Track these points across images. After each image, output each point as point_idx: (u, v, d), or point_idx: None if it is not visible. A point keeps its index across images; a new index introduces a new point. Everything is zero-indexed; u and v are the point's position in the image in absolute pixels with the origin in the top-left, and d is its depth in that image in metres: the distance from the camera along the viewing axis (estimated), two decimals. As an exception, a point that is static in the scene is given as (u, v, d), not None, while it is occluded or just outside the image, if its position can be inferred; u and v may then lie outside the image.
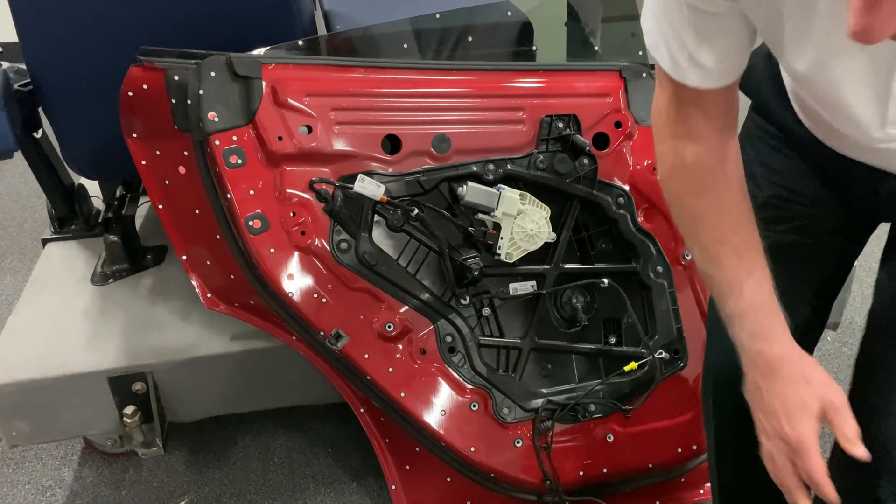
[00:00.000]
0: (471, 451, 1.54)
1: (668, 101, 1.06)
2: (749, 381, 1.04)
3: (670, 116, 1.06)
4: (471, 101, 1.60)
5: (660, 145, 1.11)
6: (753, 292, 1.00)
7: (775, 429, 0.97)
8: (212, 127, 1.44)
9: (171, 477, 1.88)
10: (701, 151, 1.03)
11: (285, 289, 1.47)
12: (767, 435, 1.00)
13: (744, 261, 1.02)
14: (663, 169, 1.10)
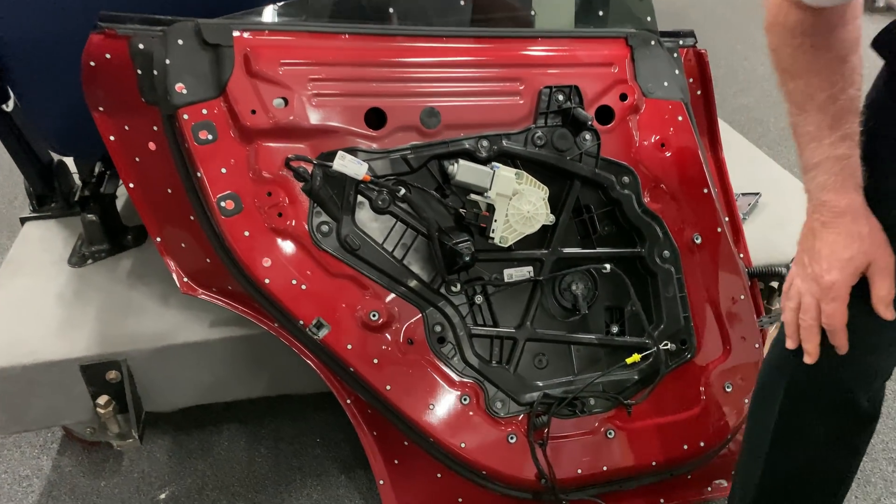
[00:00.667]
0: (461, 448, 1.45)
1: None
2: (805, 226, 1.05)
3: None
4: (463, 71, 1.48)
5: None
6: (834, 147, 0.98)
7: (815, 271, 1.01)
8: (179, 99, 1.33)
9: (152, 467, 1.80)
10: (806, 20, 0.96)
11: (261, 275, 1.37)
12: (803, 276, 1.04)
13: (828, 116, 0.98)
14: (767, 20, 1.01)
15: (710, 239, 1.58)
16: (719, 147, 1.73)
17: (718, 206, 1.60)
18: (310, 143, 1.40)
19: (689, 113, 1.60)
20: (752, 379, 1.57)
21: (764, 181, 2.11)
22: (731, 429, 1.58)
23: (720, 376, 1.57)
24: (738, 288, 1.60)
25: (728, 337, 1.58)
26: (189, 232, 1.51)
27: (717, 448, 1.58)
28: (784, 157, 3.06)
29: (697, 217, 1.58)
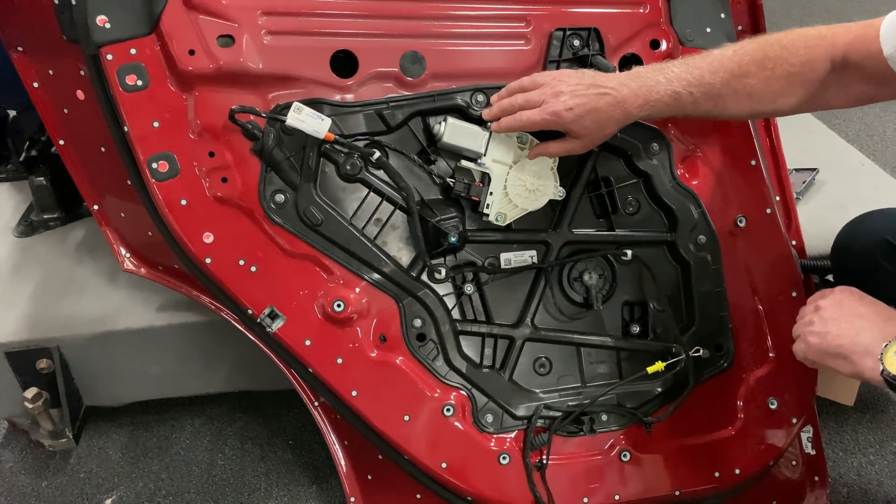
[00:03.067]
0: (441, 468, 1.20)
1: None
2: None
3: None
4: (455, 6, 1.20)
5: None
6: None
7: None
8: (102, 36, 1.08)
9: (101, 467, 1.59)
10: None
11: (201, 252, 1.13)
12: None
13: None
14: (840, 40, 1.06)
15: (757, 222, 1.29)
16: (772, 111, 1.42)
17: (768, 183, 1.31)
18: (262, 93, 1.14)
19: (737, 67, 1.30)
20: (801, 393, 1.30)
21: (822, 156, 1.82)
22: (775, 454, 1.30)
23: (763, 390, 1.29)
24: (789, 282, 1.31)
25: (774, 343, 1.30)
26: (128, 199, 1.28)
27: (756, 476, 1.30)
28: (844, 130, 2.72)
29: (742, 195, 1.29)
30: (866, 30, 1.03)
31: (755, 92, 1.09)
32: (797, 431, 1.33)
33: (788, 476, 1.38)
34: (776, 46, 1.09)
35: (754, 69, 1.08)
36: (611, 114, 1.09)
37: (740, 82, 1.08)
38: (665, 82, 1.09)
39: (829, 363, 1.03)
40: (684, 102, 1.09)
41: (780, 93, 1.09)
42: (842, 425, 1.65)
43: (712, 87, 1.09)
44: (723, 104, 1.10)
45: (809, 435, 1.40)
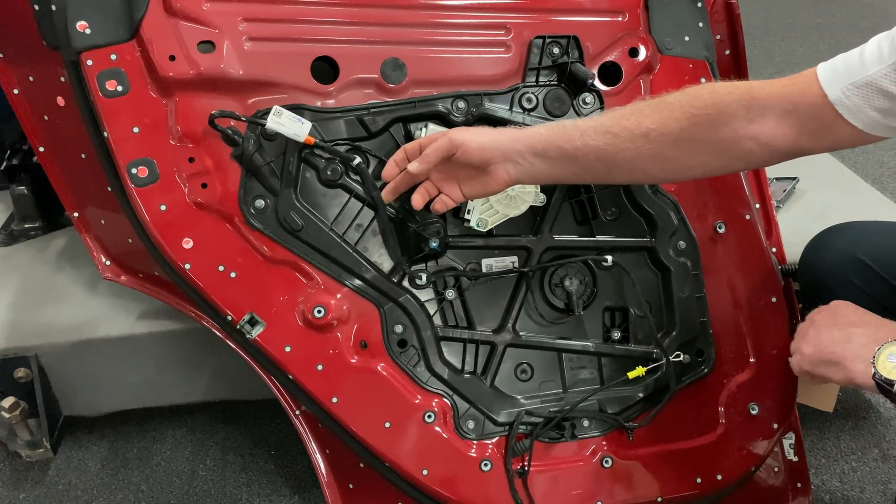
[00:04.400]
0: (423, 475, 1.19)
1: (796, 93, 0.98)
2: None
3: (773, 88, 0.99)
4: (436, 14, 1.21)
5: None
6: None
7: None
8: (82, 41, 1.08)
9: (80, 478, 1.57)
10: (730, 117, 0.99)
11: (181, 258, 1.12)
12: None
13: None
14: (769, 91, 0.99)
15: (737, 228, 1.30)
16: (751, 119, 1.44)
17: (747, 190, 1.32)
18: (243, 99, 1.14)
19: (715, 75, 1.31)
20: (782, 399, 1.30)
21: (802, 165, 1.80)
22: (756, 460, 1.30)
23: (744, 395, 1.29)
24: (769, 288, 1.31)
25: (755, 348, 1.30)
26: (108, 206, 1.28)
27: (738, 483, 1.30)
28: (823, 143, 2.74)
29: (721, 201, 1.30)
30: (796, 80, 0.98)
31: (651, 134, 1.00)
32: (778, 437, 1.33)
33: (771, 483, 1.38)
34: (677, 93, 1.02)
35: (649, 111, 1.00)
36: (499, 137, 1.06)
37: (632, 119, 1.01)
38: (557, 123, 1.05)
39: (822, 371, 1.03)
40: (575, 141, 1.02)
41: (682, 142, 1.00)
42: (824, 432, 1.65)
43: (603, 126, 1.02)
44: (617, 146, 1.02)
45: (791, 441, 1.39)
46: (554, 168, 1.06)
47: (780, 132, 0.99)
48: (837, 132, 0.96)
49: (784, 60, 3.54)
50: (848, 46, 0.98)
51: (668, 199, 1.27)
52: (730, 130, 0.99)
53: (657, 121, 1.00)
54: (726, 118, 0.98)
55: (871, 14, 4.00)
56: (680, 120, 0.99)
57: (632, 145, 1.01)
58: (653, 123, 1.00)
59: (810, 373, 1.06)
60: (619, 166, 1.04)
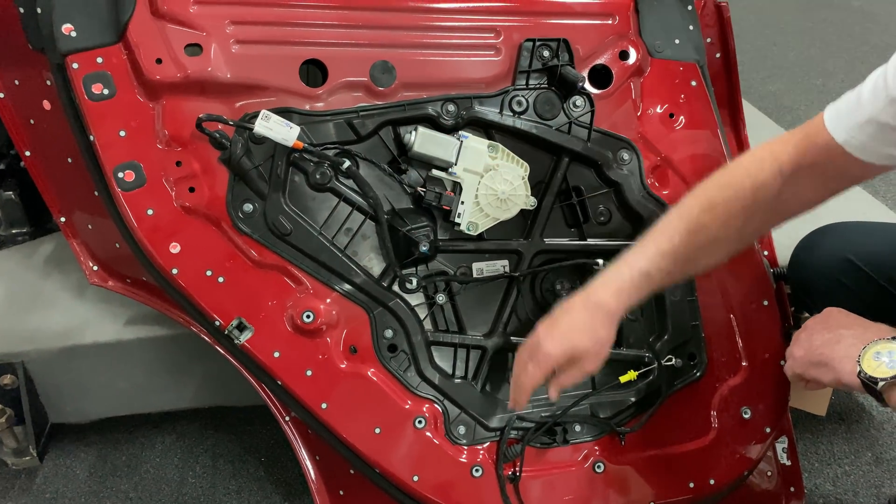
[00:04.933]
0: (413, 481, 1.18)
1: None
2: (576, 297, 1.06)
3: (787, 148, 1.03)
4: (425, 17, 1.21)
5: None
6: (651, 262, 1.03)
7: (544, 334, 1.05)
8: (68, 45, 1.08)
9: (68, 486, 1.55)
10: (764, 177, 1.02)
11: (168, 263, 1.11)
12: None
13: (676, 243, 1.03)
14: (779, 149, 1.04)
15: (728, 231, 1.30)
16: (742, 123, 1.44)
17: (739, 193, 1.31)
18: (231, 103, 1.14)
19: (706, 78, 1.31)
20: (775, 403, 1.29)
21: (794, 168, 1.82)
22: (749, 464, 1.29)
23: (736, 399, 1.28)
24: (761, 291, 1.31)
25: (747, 352, 1.30)
26: (95, 211, 1.26)
27: (731, 487, 1.29)
28: (815, 146, 2.75)
29: (713, 204, 1.29)
30: (807, 130, 1.01)
31: (719, 237, 1.04)
32: (771, 441, 1.33)
33: (764, 487, 1.37)
34: (718, 188, 1.04)
35: (707, 219, 1.03)
36: (591, 318, 1.02)
37: (700, 236, 1.03)
38: (626, 268, 1.03)
39: (813, 373, 1.04)
40: (657, 277, 1.03)
41: (743, 227, 1.04)
42: (817, 436, 1.65)
43: (676, 252, 1.03)
44: (695, 261, 1.06)
45: (785, 445, 1.39)
46: (643, 295, 1.05)
47: (812, 187, 1.03)
48: (854, 171, 0.98)
49: (775, 65, 3.55)
50: (838, 51, 0.98)
51: (659, 202, 1.27)
52: (776, 201, 1.03)
53: (720, 226, 1.03)
54: (770, 192, 1.02)
55: (863, 19, 4.02)
56: (738, 216, 1.03)
57: (708, 256, 1.06)
58: (717, 229, 1.03)
59: (802, 376, 1.07)
60: (699, 270, 1.10)
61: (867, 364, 0.94)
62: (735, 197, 1.03)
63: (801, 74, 3.41)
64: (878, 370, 0.92)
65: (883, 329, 0.98)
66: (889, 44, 3.54)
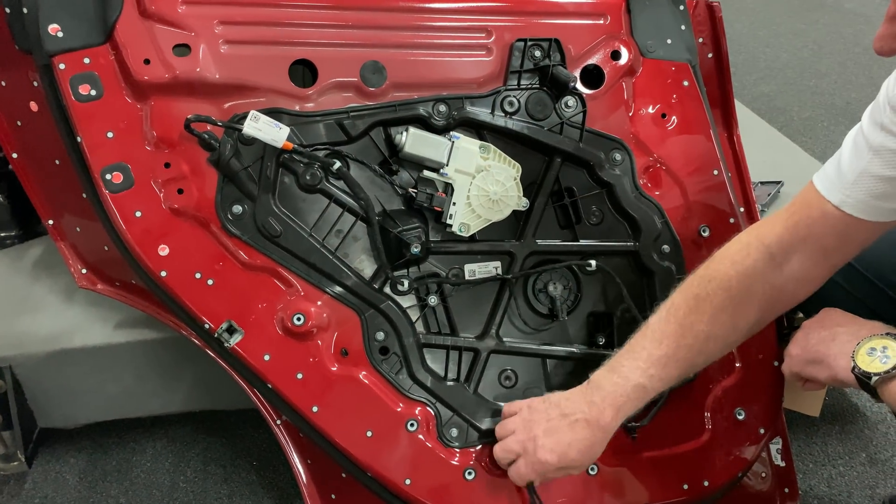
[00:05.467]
0: (406, 485, 1.16)
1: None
2: (572, 408, 1.07)
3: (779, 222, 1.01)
4: (416, 17, 1.20)
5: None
6: (650, 379, 1.04)
7: (542, 444, 1.08)
8: (54, 45, 1.07)
9: (57, 492, 1.53)
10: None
11: (157, 265, 1.10)
12: (528, 440, 1.10)
13: (673, 358, 1.04)
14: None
15: (721, 232, 1.29)
16: (734, 123, 1.43)
17: (732, 193, 1.31)
18: (220, 103, 1.13)
19: (698, 78, 1.31)
20: (769, 404, 1.29)
21: (787, 169, 1.83)
22: (743, 465, 1.28)
23: (730, 401, 1.28)
24: (755, 292, 1.31)
25: (740, 353, 1.29)
26: (84, 213, 1.25)
27: (725, 488, 1.28)
28: (809, 147, 2.75)
29: (705, 205, 1.29)
30: (797, 204, 0.98)
31: (711, 335, 1.02)
32: (765, 442, 1.32)
33: (758, 488, 1.37)
34: (703, 283, 1.03)
35: (694, 318, 1.02)
36: (592, 437, 1.04)
37: (690, 337, 1.02)
38: (623, 381, 1.03)
39: (809, 371, 1.05)
40: (652, 387, 1.04)
41: (734, 321, 1.02)
42: (811, 437, 1.64)
43: (667, 357, 1.02)
44: (691, 361, 1.04)
45: (779, 447, 1.38)
46: (640, 405, 1.06)
47: (810, 263, 0.99)
48: (856, 233, 0.95)
49: (768, 66, 3.56)
50: (831, 53, 0.98)
51: (651, 203, 1.26)
52: (769, 287, 1.01)
53: (709, 322, 1.02)
54: (759, 279, 1.00)
55: (855, 20, 4.03)
56: (727, 309, 1.01)
57: (701, 353, 1.05)
58: (707, 326, 1.02)
59: (799, 374, 1.07)
60: (698, 368, 1.09)
61: (861, 360, 0.94)
62: (720, 289, 1.01)
63: (793, 76, 3.41)
64: (871, 365, 0.92)
65: (877, 326, 0.98)
66: (881, 45, 3.55)
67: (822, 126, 2.95)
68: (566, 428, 1.04)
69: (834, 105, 3.10)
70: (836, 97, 3.15)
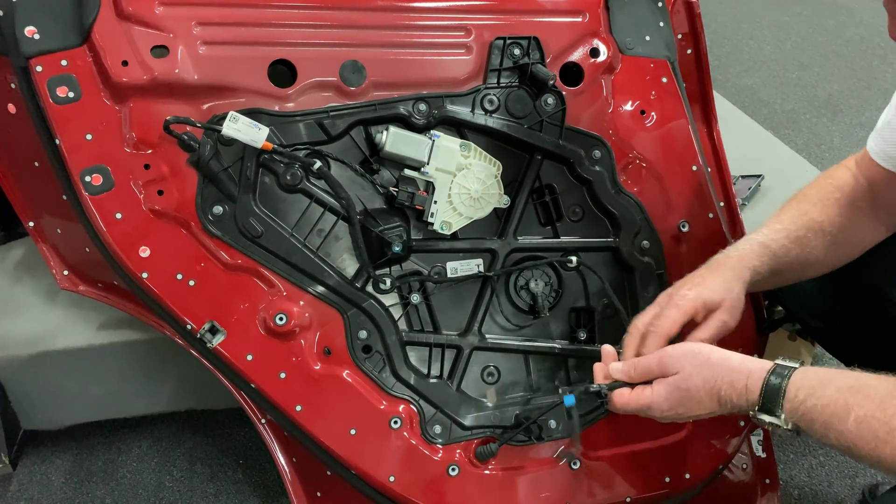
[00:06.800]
0: (390, 482, 1.17)
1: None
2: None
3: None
4: (395, 16, 1.20)
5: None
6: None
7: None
8: (31, 47, 1.06)
9: (43, 493, 1.53)
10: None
11: (138, 267, 1.10)
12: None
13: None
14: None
15: (701, 226, 1.31)
16: (714, 118, 1.44)
17: (711, 188, 1.32)
18: (199, 104, 1.12)
19: (677, 74, 1.32)
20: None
21: (768, 163, 1.84)
22: (724, 457, 1.30)
23: (711, 394, 1.29)
24: (735, 287, 1.32)
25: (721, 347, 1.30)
26: (64, 215, 1.24)
27: (707, 481, 1.30)
28: (792, 140, 2.78)
29: (685, 200, 1.30)
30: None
31: (820, 222, 1.13)
32: (746, 434, 1.34)
33: (740, 479, 1.39)
34: (807, 188, 1.18)
35: (806, 205, 1.16)
36: (718, 275, 1.08)
37: (804, 217, 1.13)
38: (748, 242, 1.12)
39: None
40: (774, 248, 1.10)
41: (842, 219, 1.13)
42: (792, 429, 1.66)
43: (787, 230, 1.12)
44: (804, 242, 1.11)
45: (760, 438, 1.40)
46: (764, 262, 1.10)
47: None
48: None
49: (751, 59, 3.57)
50: (814, 45, 1.01)
51: (631, 199, 1.27)
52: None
53: (822, 212, 1.13)
54: (859, 197, 1.14)
55: (837, 13, 4.04)
56: (835, 206, 1.14)
57: (814, 239, 1.12)
58: (820, 216, 1.13)
59: None
60: (808, 256, 1.13)
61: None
62: (824, 186, 1.15)
63: (777, 68, 3.43)
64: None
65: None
66: (863, 36, 3.58)
67: (804, 118, 2.97)
68: (697, 276, 1.09)
69: (817, 97, 3.11)
70: (818, 89, 3.17)
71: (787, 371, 0.88)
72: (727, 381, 0.92)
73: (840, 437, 0.82)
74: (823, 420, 0.84)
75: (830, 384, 0.85)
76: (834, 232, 1.12)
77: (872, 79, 3.21)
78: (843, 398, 0.83)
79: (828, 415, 0.83)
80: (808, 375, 0.88)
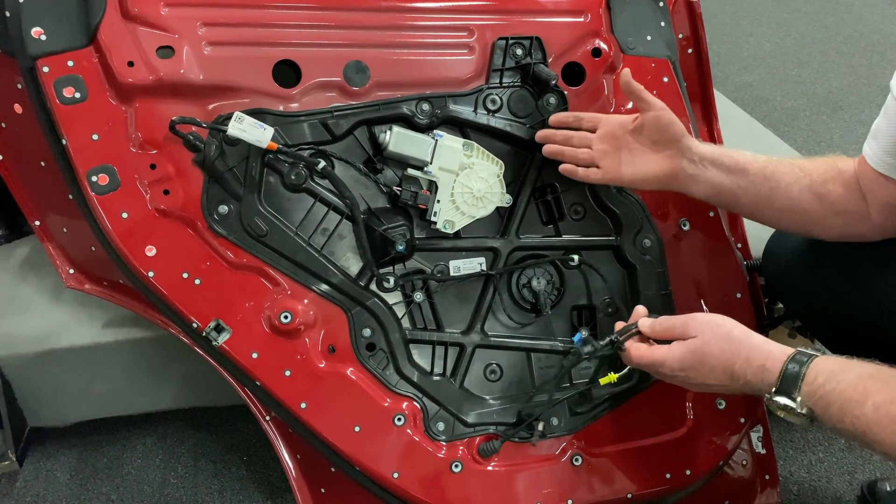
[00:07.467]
0: (394, 478, 1.18)
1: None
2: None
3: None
4: (399, 16, 1.21)
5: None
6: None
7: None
8: (38, 48, 1.07)
9: (49, 490, 1.54)
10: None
11: (144, 266, 1.11)
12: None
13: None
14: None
15: (701, 225, 1.32)
16: (714, 117, 1.46)
17: (712, 187, 1.33)
18: (204, 104, 1.14)
19: (678, 74, 1.33)
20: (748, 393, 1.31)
21: (767, 161, 1.84)
22: (724, 454, 1.31)
23: (711, 391, 1.30)
24: (735, 284, 1.33)
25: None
26: (70, 214, 1.25)
27: (707, 477, 1.31)
28: (791, 137, 2.79)
29: (685, 198, 1.30)
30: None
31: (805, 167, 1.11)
32: (746, 431, 1.35)
33: (740, 475, 1.40)
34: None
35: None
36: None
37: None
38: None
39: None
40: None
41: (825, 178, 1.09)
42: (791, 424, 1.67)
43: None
44: (777, 192, 1.10)
45: (759, 434, 1.41)
46: (724, 178, 1.12)
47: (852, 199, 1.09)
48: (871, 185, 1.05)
49: (751, 56, 3.58)
50: (813, 42, 1.02)
51: (632, 197, 1.28)
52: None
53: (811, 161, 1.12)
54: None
55: (836, 9, 4.05)
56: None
57: (791, 174, 1.10)
58: (807, 163, 1.11)
59: None
60: (780, 190, 1.10)
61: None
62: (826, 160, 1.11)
63: (776, 65, 3.43)
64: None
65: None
66: (863, 33, 3.58)
67: (804, 116, 2.98)
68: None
69: (816, 94, 3.12)
70: (817, 86, 3.18)
71: (807, 357, 0.91)
72: (743, 357, 0.94)
73: (856, 422, 0.84)
74: (840, 404, 0.85)
75: (851, 370, 0.87)
76: (816, 185, 1.10)
77: (872, 76, 3.22)
78: (863, 384, 0.85)
79: (845, 399, 0.85)
80: (829, 361, 0.90)
